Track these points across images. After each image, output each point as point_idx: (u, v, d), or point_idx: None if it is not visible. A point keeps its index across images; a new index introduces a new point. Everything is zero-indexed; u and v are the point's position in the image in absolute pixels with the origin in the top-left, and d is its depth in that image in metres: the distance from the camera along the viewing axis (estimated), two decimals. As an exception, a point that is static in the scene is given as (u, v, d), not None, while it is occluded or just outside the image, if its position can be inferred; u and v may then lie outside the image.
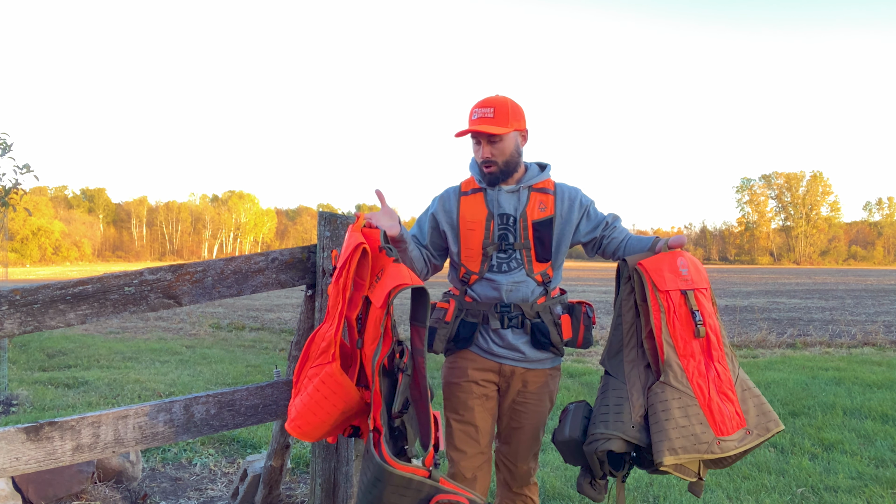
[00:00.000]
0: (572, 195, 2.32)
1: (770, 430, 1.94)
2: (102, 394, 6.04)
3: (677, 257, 2.05)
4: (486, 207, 2.27)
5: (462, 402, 2.29)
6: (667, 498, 3.41)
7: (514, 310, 2.23)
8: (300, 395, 1.79)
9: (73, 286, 1.90)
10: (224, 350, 9.02)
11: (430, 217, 2.37)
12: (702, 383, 1.93)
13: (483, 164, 2.23)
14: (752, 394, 1.99)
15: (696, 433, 1.86)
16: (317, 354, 1.81)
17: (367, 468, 1.71)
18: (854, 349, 9.19)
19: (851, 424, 4.91)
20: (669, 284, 1.99)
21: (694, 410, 1.89)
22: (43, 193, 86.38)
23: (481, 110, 2.19)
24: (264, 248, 77.51)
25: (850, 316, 13.98)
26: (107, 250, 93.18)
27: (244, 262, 2.16)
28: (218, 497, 3.52)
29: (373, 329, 1.81)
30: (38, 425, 1.84)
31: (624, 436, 1.90)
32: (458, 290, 2.32)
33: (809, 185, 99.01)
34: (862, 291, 23.42)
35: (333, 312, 1.82)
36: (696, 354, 1.96)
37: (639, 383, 1.99)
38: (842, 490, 3.55)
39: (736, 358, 2.05)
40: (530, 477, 2.34)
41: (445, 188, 2.41)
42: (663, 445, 1.84)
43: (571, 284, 25.37)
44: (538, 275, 2.25)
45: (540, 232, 2.24)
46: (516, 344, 2.24)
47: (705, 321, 1.97)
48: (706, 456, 1.86)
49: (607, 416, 1.96)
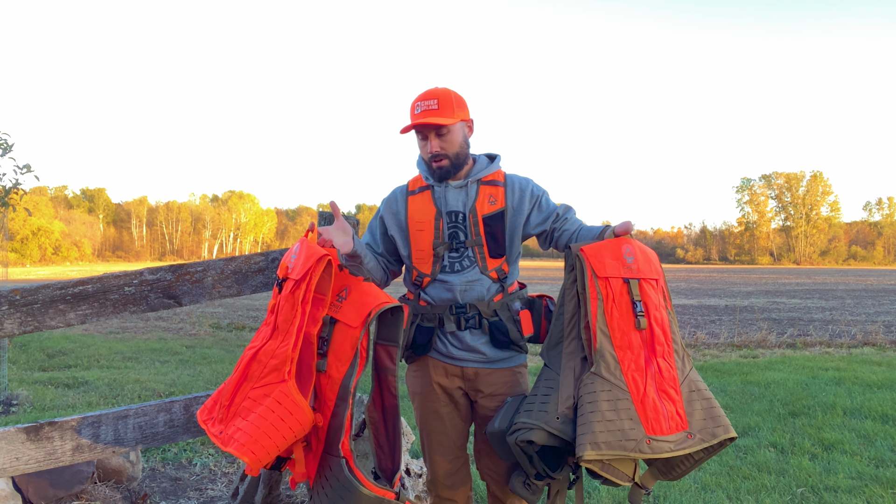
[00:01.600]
0: (523, 185, 2.21)
1: (717, 437, 1.77)
2: (102, 394, 6.04)
3: (623, 244, 1.93)
4: (433, 206, 2.17)
5: (431, 410, 2.22)
6: (667, 498, 3.41)
7: (471, 310, 2.13)
8: (244, 418, 1.64)
9: (73, 286, 1.90)
10: (224, 350, 9.02)
11: (379, 222, 2.28)
12: (638, 377, 1.79)
13: (432, 158, 2.12)
14: (702, 396, 1.84)
15: (624, 429, 1.70)
16: (263, 373, 1.68)
17: (340, 493, 1.66)
18: (854, 349, 9.19)
19: (851, 424, 4.90)
20: (610, 271, 1.87)
21: (624, 405, 1.74)
22: (43, 193, 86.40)
23: (424, 103, 2.08)
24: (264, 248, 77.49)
25: (850, 316, 13.98)
26: (107, 250, 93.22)
27: (244, 262, 2.16)
28: (218, 497, 3.52)
29: (344, 350, 1.74)
30: (38, 425, 1.84)
31: (546, 426, 1.78)
32: (412, 295, 2.22)
33: (809, 185, 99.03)
34: (862, 291, 23.41)
35: (287, 328, 1.70)
36: (634, 347, 1.82)
37: (571, 375, 1.87)
38: (842, 490, 3.55)
39: (689, 358, 1.91)
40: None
41: (392, 189, 2.31)
42: (585, 438, 1.69)
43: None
44: (493, 271, 2.15)
45: (491, 227, 2.14)
46: (475, 345, 2.15)
47: (649, 313, 1.85)
48: (634, 454, 1.70)
49: (532, 406, 1.85)
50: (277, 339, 1.70)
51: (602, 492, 3.46)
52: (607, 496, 3.42)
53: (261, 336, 1.77)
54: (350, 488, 1.63)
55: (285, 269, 1.83)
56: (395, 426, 1.84)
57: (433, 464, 2.25)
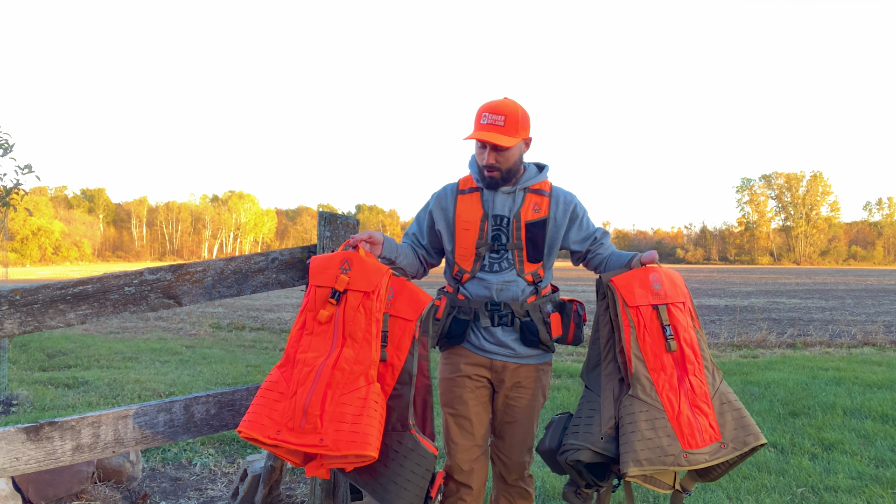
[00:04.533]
0: (567, 200, 2.35)
1: (748, 444, 1.93)
2: (102, 394, 6.04)
3: (650, 273, 2.10)
4: (481, 208, 2.29)
5: (456, 396, 2.33)
6: (667, 498, 3.41)
7: (504, 308, 2.27)
8: (346, 422, 1.80)
9: (73, 286, 1.90)
10: (224, 350, 9.02)
11: (427, 215, 2.40)
12: (672, 396, 1.95)
13: (485, 168, 2.24)
14: (732, 407, 2.00)
15: (663, 445, 1.88)
16: (348, 380, 1.85)
17: (417, 461, 1.90)
18: (854, 349, 9.19)
19: (851, 424, 4.90)
20: (640, 300, 2.04)
21: (662, 423, 1.91)
22: (43, 193, 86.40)
23: (492, 116, 2.19)
24: (264, 248, 77.51)
25: (850, 316, 13.98)
26: (107, 250, 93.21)
27: (244, 262, 2.16)
28: (218, 497, 3.52)
29: (403, 341, 1.96)
30: (38, 425, 1.84)
31: (592, 447, 1.95)
32: (451, 288, 2.36)
33: (809, 185, 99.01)
34: (862, 291, 23.41)
35: (365, 336, 1.89)
36: (667, 368, 1.99)
37: (611, 396, 2.03)
38: (842, 490, 3.55)
39: (719, 371, 2.08)
40: (525, 470, 2.38)
41: (443, 185, 2.42)
42: (629, 457, 1.86)
43: (571, 284, 25.37)
44: (529, 274, 2.28)
45: (533, 233, 2.27)
46: (506, 341, 2.28)
47: (678, 335, 2.01)
48: (673, 468, 1.87)
49: (578, 428, 2.02)
50: (354, 348, 1.88)
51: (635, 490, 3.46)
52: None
53: (315, 345, 1.91)
54: (424, 454, 1.90)
55: (334, 279, 1.96)
56: (427, 401, 2.07)
57: (453, 447, 2.33)
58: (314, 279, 1.99)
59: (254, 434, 1.80)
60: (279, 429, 1.81)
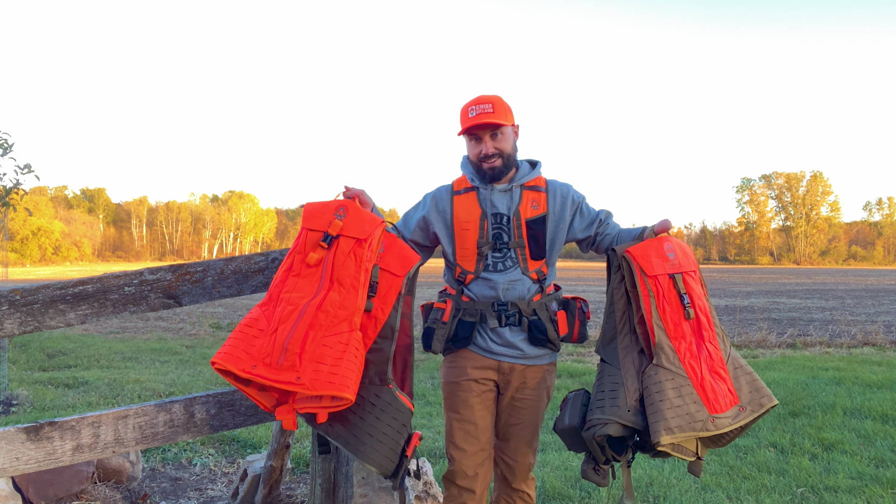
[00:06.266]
0: (564, 192, 2.33)
1: (763, 406, 1.98)
2: (102, 394, 6.04)
3: (664, 242, 2.10)
4: (479, 207, 2.27)
5: (462, 400, 2.30)
6: (667, 498, 3.41)
7: (511, 308, 2.25)
8: (326, 363, 1.76)
9: (73, 286, 1.90)
10: (224, 350, 9.02)
11: (420, 218, 2.36)
12: (693, 363, 1.97)
13: (485, 159, 2.23)
14: (744, 371, 2.03)
15: (691, 412, 1.89)
16: (332, 323, 1.81)
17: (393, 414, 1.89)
18: (854, 349, 9.19)
19: (851, 424, 4.91)
20: (657, 269, 2.04)
21: (688, 390, 1.92)
22: (43, 193, 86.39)
23: (479, 107, 2.21)
24: (264, 248, 77.44)
25: (850, 316, 13.98)
26: (107, 250, 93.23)
27: (244, 262, 2.16)
28: (218, 497, 3.52)
29: (389, 294, 1.96)
30: (38, 425, 1.84)
31: (620, 420, 1.94)
32: (454, 290, 2.32)
33: (809, 185, 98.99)
34: (862, 291, 23.41)
35: (352, 283, 1.86)
36: (686, 336, 2.00)
37: (633, 368, 2.03)
38: (842, 490, 3.55)
39: (727, 337, 2.10)
40: (529, 472, 2.36)
41: (437, 187, 2.40)
42: (660, 426, 1.86)
43: (571, 284, 25.37)
44: (533, 272, 2.26)
45: (534, 230, 2.26)
46: (514, 341, 2.26)
47: (694, 303, 2.03)
48: (702, 434, 1.89)
49: (603, 402, 2.00)
50: (341, 293, 1.85)
51: (602, 492, 3.47)
52: (607, 496, 3.42)
53: (301, 286, 1.87)
54: (401, 408, 1.90)
55: (328, 224, 1.94)
56: (407, 361, 2.06)
57: (458, 452, 2.29)
58: (307, 222, 1.96)
59: (228, 366, 1.73)
60: (255, 363, 1.74)
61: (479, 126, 2.20)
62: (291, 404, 1.86)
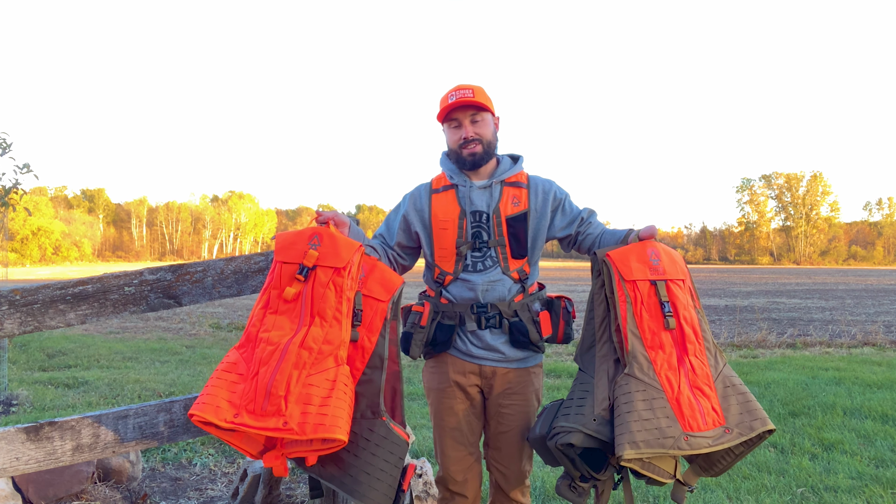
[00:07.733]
0: (546, 188, 2.24)
1: (755, 430, 1.79)
2: (102, 394, 6.04)
3: (648, 247, 1.98)
4: (458, 205, 2.19)
5: (447, 407, 2.24)
6: (667, 498, 3.41)
7: (491, 310, 2.16)
8: (314, 404, 1.67)
9: (73, 286, 1.90)
10: (224, 350, 9.01)
11: (401, 218, 2.28)
12: (671, 376, 1.82)
13: (465, 145, 2.15)
14: (737, 391, 1.86)
15: (661, 426, 1.72)
16: (317, 360, 1.73)
17: (389, 448, 1.78)
18: (854, 349, 9.18)
19: (851, 424, 4.90)
20: (637, 274, 1.92)
21: (660, 403, 1.77)
22: (43, 193, 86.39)
23: (459, 92, 2.13)
24: (264, 248, 77.37)
25: (850, 316, 13.97)
26: (107, 250, 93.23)
27: (244, 262, 2.16)
28: (218, 497, 3.52)
29: (375, 322, 1.87)
30: (38, 425, 1.84)
31: (583, 429, 1.81)
32: (433, 292, 2.24)
33: (809, 186, 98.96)
34: (862, 291, 23.40)
35: (335, 315, 1.77)
36: (665, 346, 1.86)
37: (605, 377, 1.91)
38: (842, 490, 3.55)
39: (721, 354, 1.95)
40: (524, 479, 2.30)
41: (416, 186, 2.33)
42: (624, 438, 1.71)
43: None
44: (514, 272, 2.18)
45: (514, 228, 2.17)
46: (495, 344, 2.18)
47: (678, 313, 1.89)
48: (672, 452, 1.72)
49: (569, 410, 1.89)
50: (323, 327, 1.76)
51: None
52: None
53: (280, 324, 1.78)
54: (397, 441, 1.80)
55: (303, 255, 1.84)
56: (396, 388, 1.96)
57: (446, 459, 2.26)
58: (280, 255, 1.86)
59: (208, 417, 1.62)
60: (238, 411, 1.64)
61: (460, 106, 2.13)
62: (280, 449, 1.75)
